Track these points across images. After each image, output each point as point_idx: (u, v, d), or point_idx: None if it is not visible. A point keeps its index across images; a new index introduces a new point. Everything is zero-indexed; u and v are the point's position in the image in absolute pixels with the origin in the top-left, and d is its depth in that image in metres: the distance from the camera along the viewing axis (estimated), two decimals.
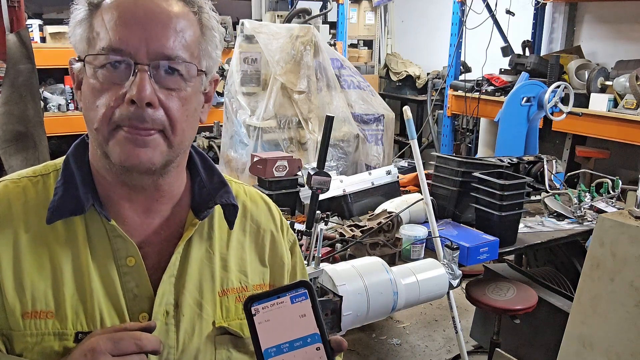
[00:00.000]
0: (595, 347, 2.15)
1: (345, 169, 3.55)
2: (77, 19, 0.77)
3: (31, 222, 0.78)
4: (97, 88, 0.74)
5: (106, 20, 0.74)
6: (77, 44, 0.78)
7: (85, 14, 0.76)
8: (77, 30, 0.77)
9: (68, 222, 0.78)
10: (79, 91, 0.79)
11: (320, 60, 3.60)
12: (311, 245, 1.55)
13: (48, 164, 0.84)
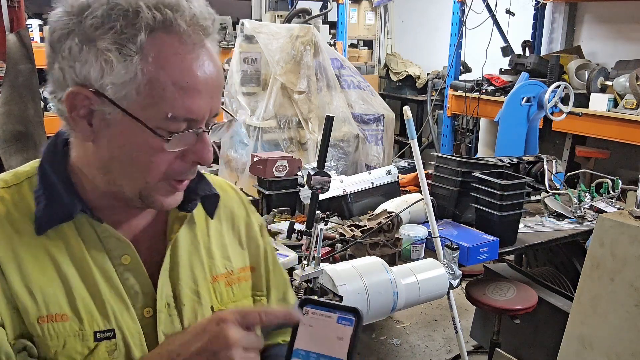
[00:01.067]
0: (595, 347, 2.15)
1: (345, 169, 3.55)
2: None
3: (22, 230, 0.77)
4: (157, 146, 0.74)
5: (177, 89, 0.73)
6: (123, 88, 0.73)
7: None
8: (128, 82, 0.73)
9: (57, 228, 0.78)
10: (84, 120, 0.75)
11: (320, 60, 3.60)
12: (311, 245, 1.55)
13: (18, 172, 0.82)
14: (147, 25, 0.70)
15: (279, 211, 2.35)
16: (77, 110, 0.74)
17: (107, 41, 0.70)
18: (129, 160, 0.75)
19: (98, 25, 0.70)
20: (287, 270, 1.59)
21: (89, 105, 0.73)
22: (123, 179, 0.77)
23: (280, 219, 2.33)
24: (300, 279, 1.50)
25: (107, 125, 0.74)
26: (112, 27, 0.70)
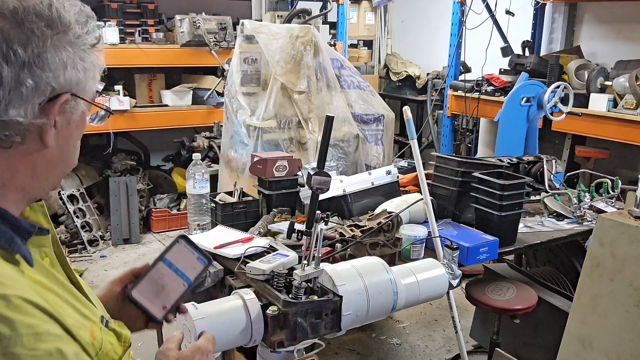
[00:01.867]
0: (595, 347, 2.15)
1: (345, 169, 3.55)
2: (97, 66, 0.80)
3: (19, 271, 0.72)
4: (82, 131, 0.81)
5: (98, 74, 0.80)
6: (91, 88, 0.78)
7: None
8: (95, 74, 0.79)
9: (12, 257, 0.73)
10: (54, 129, 0.74)
11: (320, 60, 3.61)
12: (311, 245, 1.55)
13: None
14: (88, 16, 0.77)
15: (279, 211, 2.35)
16: (56, 115, 0.73)
17: (79, 44, 0.74)
18: (73, 149, 0.80)
19: (74, 34, 0.73)
20: (287, 270, 1.60)
21: (60, 109, 0.74)
22: (63, 169, 0.81)
23: (280, 219, 2.33)
24: (300, 279, 1.50)
25: (68, 122, 0.77)
26: (80, 35, 0.75)
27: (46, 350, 0.66)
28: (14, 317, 0.64)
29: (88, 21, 0.76)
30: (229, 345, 1.50)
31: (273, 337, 1.47)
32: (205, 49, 4.55)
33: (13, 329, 0.64)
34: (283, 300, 1.47)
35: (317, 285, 1.55)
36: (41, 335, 0.66)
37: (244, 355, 1.90)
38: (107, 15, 4.38)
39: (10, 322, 0.64)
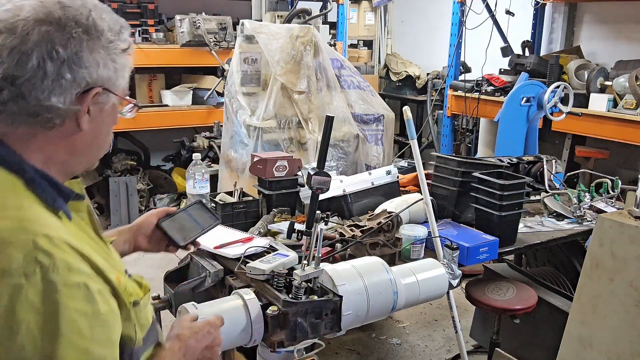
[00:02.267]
0: (595, 347, 2.15)
1: (345, 169, 3.55)
2: (127, 67, 0.97)
3: (56, 221, 0.90)
4: (114, 120, 0.99)
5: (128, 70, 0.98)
6: (121, 84, 0.95)
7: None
8: (125, 74, 0.96)
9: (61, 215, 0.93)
10: (87, 115, 0.91)
11: (320, 60, 3.61)
12: (311, 245, 1.55)
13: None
14: (122, 27, 0.95)
15: (279, 211, 2.35)
16: (87, 106, 0.90)
17: (113, 47, 0.91)
18: (105, 135, 0.98)
19: (108, 38, 0.90)
20: (287, 270, 1.60)
21: (94, 99, 0.90)
22: (96, 153, 0.99)
23: (280, 219, 2.33)
24: (300, 279, 1.50)
25: (101, 111, 0.94)
26: (113, 40, 0.91)
27: (76, 282, 0.83)
28: (54, 252, 0.82)
29: (121, 30, 0.94)
30: (229, 345, 1.50)
31: (273, 337, 1.47)
32: (205, 49, 4.55)
33: (52, 260, 0.81)
34: (283, 300, 1.47)
35: (317, 285, 1.55)
36: (73, 270, 0.83)
37: (244, 355, 1.90)
38: None
39: (51, 255, 0.81)
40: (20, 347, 0.78)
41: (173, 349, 1.10)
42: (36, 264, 0.79)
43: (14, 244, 0.80)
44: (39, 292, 0.79)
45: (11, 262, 0.79)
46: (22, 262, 0.79)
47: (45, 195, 0.88)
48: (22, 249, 0.80)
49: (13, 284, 0.78)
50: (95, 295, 0.85)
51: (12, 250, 0.79)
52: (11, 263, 0.78)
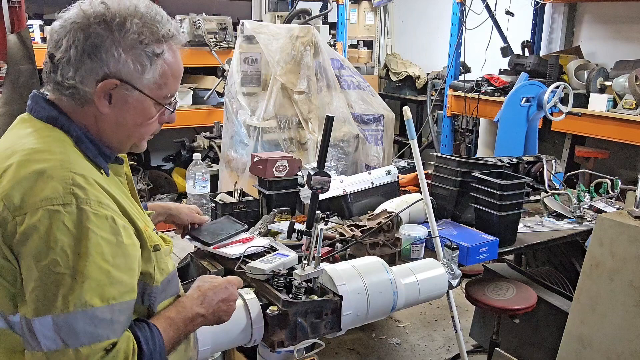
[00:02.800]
0: (595, 347, 2.15)
1: (345, 169, 3.55)
2: (160, 69, 1.11)
3: (100, 175, 1.09)
4: (154, 115, 1.14)
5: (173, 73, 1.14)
6: (149, 84, 1.10)
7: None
8: (154, 75, 1.10)
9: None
10: (105, 99, 1.08)
11: (320, 60, 3.61)
12: (311, 245, 1.55)
13: (50, 147, 1.05)
14: (165, 36, 1.09)
15: (279, 211, 2.36)
16: (104, 93, 1.06)
17: (141, 49, 1.06)
18: (132, 127, 1.13)
19: (135, 40, 1.05)
20: (287, 270, 1.60)
21: (114, 89, 1.06)
22: (124, 136, 1.14)
23: (280, 219, 2.34)
24: (300, 279, 1.51)
25: (124, 102, 1.09)
26: (144, 41, 1.06)
27: (104, 214, 1.00)
28: (88, 187, 1.00)
29: (160, 39, 1.08)
30: (229, 345, 1.50)
31: (273, 337, 1.47)
32: (206, 49, 4.55)
33: (85, 194, 0.99)
34: (283, 300, 1.47)
35: (317, 285, 1.55)
36: (103, 204, 1.01)
37: (244, 355, 1.90)
38: None
39: (84, 190, 1.00)
40: (55, 261, 0.95)
41: (192, 296, 1.23)
42: (72, 196, 0.97)
43: (56, 178, 0.98)
44: (73, 219, 0.96)
45: (53, 192, 0.97)
46: (62, 193, 0.97)
47: (88, 152, 1.08)
48: (62, 183, 0.98)
49: (53, 209, 0.95)
50: (120, 229, 1.02)
51: (55, 183, 0.97)
52: (53, 193, 0.96)
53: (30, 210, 0.96)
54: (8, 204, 0.97)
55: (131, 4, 1.07)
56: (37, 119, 1.08)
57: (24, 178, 0.98)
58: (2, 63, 2.96)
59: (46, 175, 0.98)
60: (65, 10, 1.08)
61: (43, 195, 0.96)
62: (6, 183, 0.99)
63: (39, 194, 0.96)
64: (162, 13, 1.11)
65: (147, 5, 1.09)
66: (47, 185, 0.97)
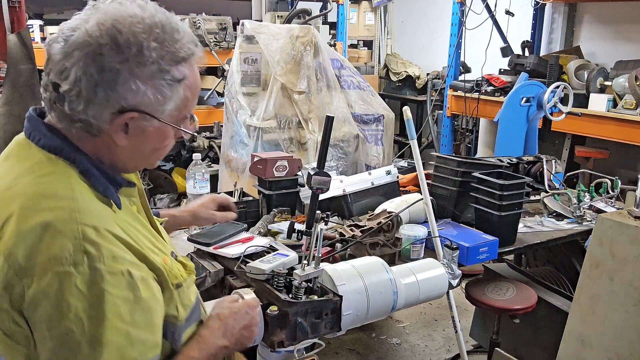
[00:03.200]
0: (595, 347, 2.15)
1: (345, 169, 3.55)
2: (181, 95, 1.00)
3: (112, 211, 0.98)
4: (171, 136, 1.04)
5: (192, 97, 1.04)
6: (170, 111, 0.99)
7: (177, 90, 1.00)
8: (175, 101, 0.99)
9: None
10: (122, 131, 0.97)
11: (320, 60, 3.61)
12: (311, 245, 1.55)
13: (56, 189, 0.93)
14: (185, 57, 0.97)
15: (279, 211, 2.36)
16: (121, 126, 0.95)
17: (161, 78, 0.94)
18: (150, 152, 1.04)
19: (155, 70, 0.93)
20: (287, 270, 1.60)
21: (131, 121, 0.96)
22: (140, 161, 1.06)
23: (280, 219, 2.34)
24: (300, 279, 1.51)
25: (142, 131, 0.98)
26: (165, 69, 0.94)
27: (119, 270, 0.90)
28: (100, 241, 0.89)
29: (182, 61, 0.97)
30: None
31: (273, 337, 1.47)
32: (206, 49, 4.54)
33: (98, 250, 0.89)
34: (283, 300, 1.47)
35: (317, 285, 1.55)
36: (117, 259, 0.91)
37: (244, 355, 1.90)
38: None
39: (96, 245, 0.89)
40: (69, 329, 0.86)
41: (213, 327, 1.17)
42: (84, 254, 0.87)
43: (64, 233, 0.87)
44: (86, 280, 0.87)
45: (62, 250, 0.86)
46: (72, 251, 0.87)
47: (96, 185, 0.97)
48: (71, 239, 0.87)
49: (63, 271, 0.86)
50: (138, 282, 0.93)
51: (63, 239, 0.87)
52: (62, 251, 0.86)
53: (37, 272, 0.86)
54: (12, 263, 0.87)
55: (145, 23, 0.93)
56: (38, 148, 0.96)
57: (27, 232, 0.87)
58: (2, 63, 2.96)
59: (53, 229, 0.87)
60: (67, 28, 0.92)
61: (51, 254, 0.86)
62: (8, 238, 0.88)
63: (46, 253, 0.86)
64: (179, 25, 0.98)
65: (163, 20, 0.95)
66: (54, 241, 0.87)
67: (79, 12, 0.95)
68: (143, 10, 0.94)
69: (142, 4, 0.96)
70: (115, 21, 0.91)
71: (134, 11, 0.93)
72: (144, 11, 0.94)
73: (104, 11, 0.92)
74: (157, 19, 0.94)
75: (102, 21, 0.91)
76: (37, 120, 0.99)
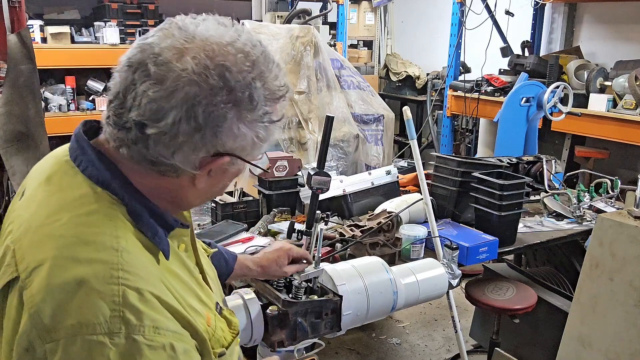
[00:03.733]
0: (594, 347, 2.15)
1: (345, 169, 3.56)
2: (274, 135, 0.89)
3: (159, 263, 0.85)
4: (234, 177, 0.92)
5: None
6: (257, 153, 0.88)
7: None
8: (267, 144, 0.88)
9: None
10: (207, 176, 0.86)
11: (320, 60, 3.61)
12: (311, 245, 1.55)
13: (95, 211, 0.81)
14: (282, 97, 0.85)
15: (279, 211, 2.36)
16: (209, 170, 0.84)
17: (262, 121, 0.83)
18: (220, 189, 0.93)
19: (261, 115, 0.82)
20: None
21: (221, 164, 0.84)
22: (205, 199, 0.95)
23: (280, 218, 2.34)
24: (300, 279, 1.51)
25: (223, 172, 0.87)
26: (268, 112, 0.83)
27: (161, 342, 0.76)
28: (142, 308, 0.74)
29: (281, 98, 0.85)
30: None
31: (273, 337, 1.47)
32: None
33: (139, 319, 0.74)
34: (283, 300, 1.47)
35: (317, 285, 1.55)
36: (160, 330, 0.76)
37: (244, 355, 1.90)
38: (107, 16, 4.38)
39: (138, 312, 0.74)
40: None
41: None
42: (121, 322, 0.73)
43: (102, 294, 0.73)
44: (121, 353, 0.72)
45: (97, 314, 0.72)
46: (108, 317, 0.72)
47: (144, 229, 0.83)
48: (109, 302, 0.73)
49: (96, 341, 0.72)
50: (180, 356, 0.78)
51: (99, 302, 0.73)
52: (97, 316, 0.72)
53: (65, 336, 0.71)
54: (36, 322, 0.72)
55: (248, 59, 0.81)
56: (83, 176, 0.82)
57: (58, 288, 0.73)
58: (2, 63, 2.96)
59: (88, 287, 0.73)
60: (153, 58, 0.77)
61: (82, 318, 0.72)
62: (37, 292, 0.73)
63: (77, 315, 0.72)
64: (274, 58, 0.86)
65: (264, 54, 0.84)
66: (88, 302, 0.72)
67: (156, 31, 0.82)
68: (239, 35, 0.84)
69: (232, 25, 0.87)
70: (221, 56, 0.79)
71: (231, 37, 0.83)
72: (240, 36, 0.84)
73: (201, 39, 0.80)
74: (257, 50, 0.83)
75: (206, 55, 0.78)
76: (85, 142, 0.84)
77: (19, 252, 0.78)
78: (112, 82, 0.80)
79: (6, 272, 0.78)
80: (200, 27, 0.83)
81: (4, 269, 0.79)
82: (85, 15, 4.65)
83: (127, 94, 0.77)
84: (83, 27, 4.38)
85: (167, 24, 0.83)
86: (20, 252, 0.78)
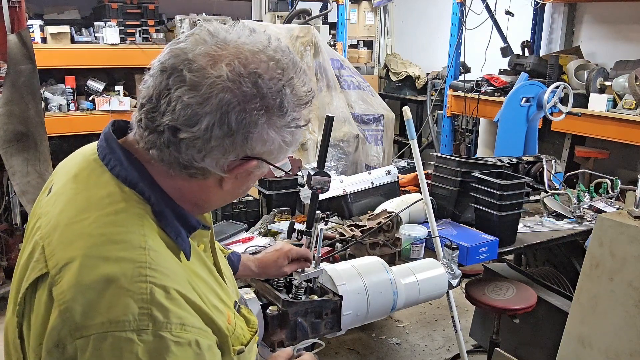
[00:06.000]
0: (594, 347, 2.15)
1: (345, 169, 3.56)
2: (299, 139, 0.91)
3: (181, 264, 0.87)
4: (256, 180, 0.95)
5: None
6: (283, 157, 0.90)
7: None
8: (291, 150, 0.91)
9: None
10: (234, 179, 0.88)
11: (320, 60, 3.61)
12: (311, 245, 1.55)
13: (123, 213, 0.83)
14: (308, 102, 0.88)
15: (279, 211, 2.36)
16: (236, 174, 0.86)
17: (288, 125, 0.85)
18: (244, 191, 0.95)
19: (290, 121, 0.85)
20: None
21: (248, 168, 0.86)
22: (228, 201, 0.98)
23: (280, 218, 2.34)
24: (300, 279, 1.51)
25: (248, 174, 0.89)
26: (296, 117, 0.86)
27: (187, 339, 0.78)
28: (169, 305, 0.77)
29: (308, 103, 0.88)
30: None
31: (273, 337, 1.47)
32: None
33: (166, 316, 0.76)
34: (283, 300, 1.47)
35: (317, 285, 1.55)
36: (186, 326, 0.78)
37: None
38: (107, 16, 4.38)
39: (165, 310, 0.76)
40: None
41: None
42: (149, 319, 0.75)
43: (130, 292, 0.75)
44: (149, 348, 0.75)
45: (126, 312, 0.75)
46: (136, 314, 0.75)
47: (168, 230, 0.85)
48: (138, 300, 0.75)
49: (125, 337, 0.74)
50: (205, 352, 0.81)
51: (127, 299, 0.75)
52: (125, 314, 0.74)
53: (95, 332, 0.74)
54: (67, 319, 0.75)
55: (279, 66, 0.83)
56: (111, 175, 0.84)
57: (88, 286, 0.75)
58: (2, 63, 2.96)
59: (117, 285, 0.75)
60: (188, 65, 0.79)
61: (112, 316, 0.74)
62: (67, 289, 0.76)
63: (106, 313, 0.74)
64: (300, 63, 0.89)
65: (293, 61, 0.87)
66: (117, 300, 0.75)
67: (187, 36, 0.83)
68: (269, 41, 0.85)
69: (262, 31, 0.87)
70: (253, 63, 0.80)
71: (262, 44, 0.84)
72: (270, 42, 0.85)
73: (233, 46, 0.81)
74: (287, 57, 0.86)
75: (239, 62, 0.80)
76: (114, 142, 0.86)
77: (48, 248, 0.80)
78: (144, 86, 0.82)
79: (36, 268, 0.80)
80: (231, 34, 0.83)
81: (33, 265, 0.80)
82: (85, 15, 4.65)
83: (160, 99, 0.79)
84: (83, 27, 4.37)
85: (197, 29, 0.84)
86: (50, 249, 0.80)
